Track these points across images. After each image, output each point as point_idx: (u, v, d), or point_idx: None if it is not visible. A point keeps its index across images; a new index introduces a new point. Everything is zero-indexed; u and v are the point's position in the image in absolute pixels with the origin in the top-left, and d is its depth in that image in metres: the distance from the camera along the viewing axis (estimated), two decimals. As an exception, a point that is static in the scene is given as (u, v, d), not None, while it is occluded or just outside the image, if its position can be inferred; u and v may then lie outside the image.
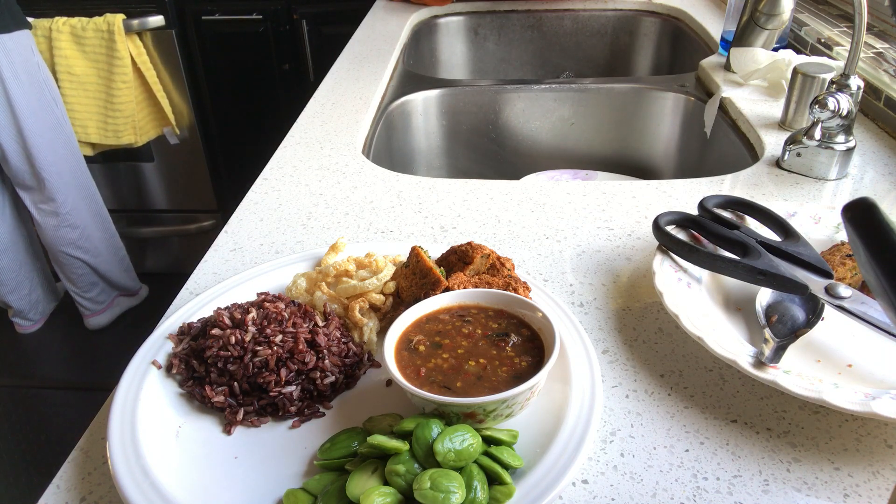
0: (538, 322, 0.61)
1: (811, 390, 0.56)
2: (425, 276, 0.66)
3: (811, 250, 0.70)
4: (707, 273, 0.73)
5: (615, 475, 0.55)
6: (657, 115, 1.41)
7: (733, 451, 0.56)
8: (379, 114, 1.30)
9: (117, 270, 2.52)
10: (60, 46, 2.33)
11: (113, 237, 2.47)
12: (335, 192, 0.97)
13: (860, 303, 0.63)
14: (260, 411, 0.60)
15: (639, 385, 0.63)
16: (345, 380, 0.63)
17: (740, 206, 0.80)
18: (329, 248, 0.77)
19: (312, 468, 0.55)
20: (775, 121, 1.14)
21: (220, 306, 0.68)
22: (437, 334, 0.61)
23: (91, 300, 2.50)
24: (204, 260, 0.84)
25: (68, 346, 2.57)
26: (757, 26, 1.25)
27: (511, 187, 0.98)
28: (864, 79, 0.98)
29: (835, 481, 0.54)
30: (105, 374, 1.91)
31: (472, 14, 1.91)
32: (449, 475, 0.49)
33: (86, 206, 2.34)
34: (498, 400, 0.53)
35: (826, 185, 0.96)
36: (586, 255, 0.82)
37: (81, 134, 2.45)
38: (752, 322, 0.69)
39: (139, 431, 0.56)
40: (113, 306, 2.59)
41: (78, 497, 0.54)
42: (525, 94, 1.44)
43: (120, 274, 2.54)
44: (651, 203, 0.92)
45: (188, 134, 2.63)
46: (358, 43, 1.65)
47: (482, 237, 0.86)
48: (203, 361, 0.62)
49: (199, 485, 0.53)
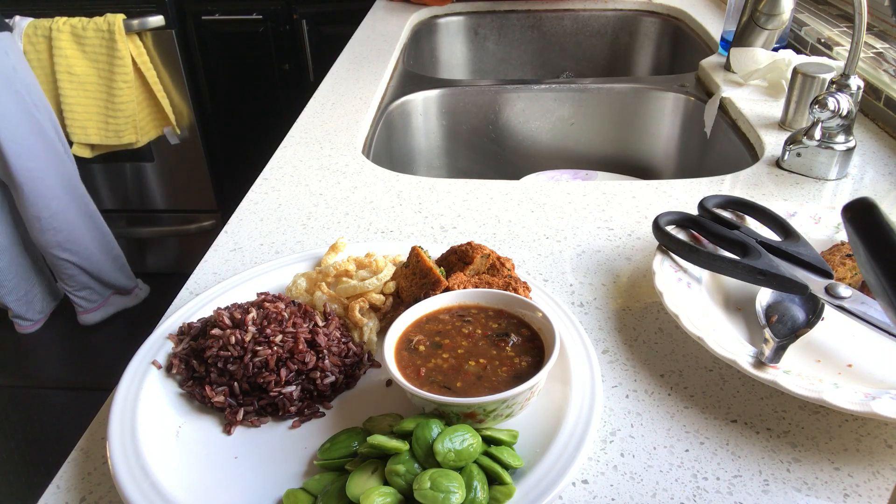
0: (538, 322, 0.61)
1: (811, 390, 0.56)
2: (425, 276, 0.66)
3: (811, 250, 0.70)
4: (707, 273, 0.73)
5: (615, 475, 0.55)
6: (657, 115, 1.41)
7: (733, 451, 0.56)
8: (379, 114, 1.30)
9: (110, 270, 2.50)
10: (61, 46, 2.33)
11: (105, 237, 2.45)
12: (335, 192, 0.97)
13: (860, 303, 0.63)
14: (260, 411, 0.60)
15: (639, 385, 0.63)
16: (345, 380, 0.63)
17: (740, 206, 0.80)
18: (329, 248, 0.77)
19: (312, 468, 0.55)
20: (775, 121, 1.14)
21: (220, 306, 0.68)
22: (437, 334, 0.61)
23: (84, 298, 2.50)
24: (204, 260, 0.84)
25: (68, 347, 2.57)
26: (757, 26, 1.25)
27: (511, 187, 0.98)
28: (864, 79, 0.98)
29: (835, 481, 0.54)
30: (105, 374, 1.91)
31: (472, 14, 1.91)
32: (449, 475, 0.49)
33: (74, 209, 2.30)
34: (498, 400, 0.53)
35: (826, 185, 0.96)
36: (586, 255, 0.82)
37: (81, 134, 2.45)
38: (752, 322, 0.69)
39: (139, 431, 0.56)
40: (106, 305, 2.59)
41: (78, 497, 0.54)
42: (525, 94, 1.44)
43: (113, 273, 2.52)
44: (651, 203, 0.92)
45: (188, 134, 2.63)
46: (358, 43, 1.65)
47: (482, 237, 0.86)
48: (203, 361, 0.62)
49: (199, 485, 0.53)
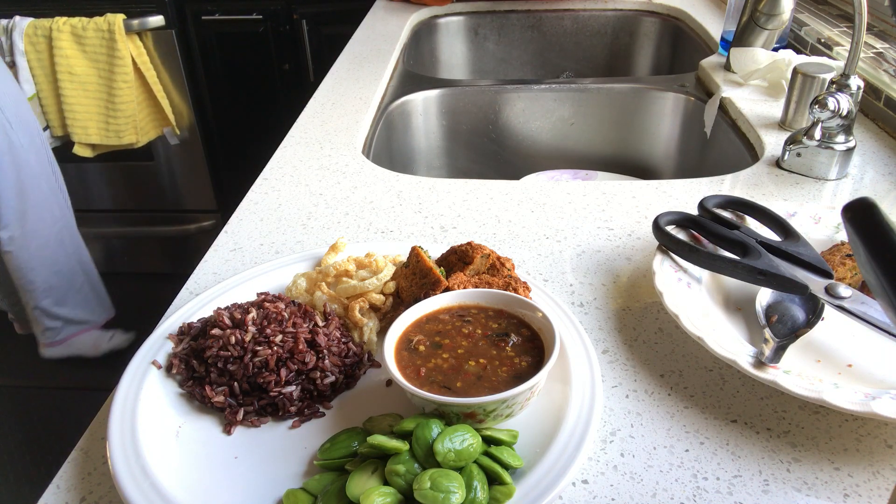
0: (538, 322, 0.61)
1: (811, 390, 0.56)
2: (425, 276, 0.66)
3: (811, 250, 0.70)
4: (707, 273, 0.73)
5: (615, 475, 0.55)
6: (657, 115, 1.41)
7: (733, 451, 0.56)
8: (379, 114, 1.30)
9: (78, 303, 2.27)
10: (61, 46, 2.33)
11: (73, 270, 2.22)
12: (335, 192, 0.97)
13: (860, 303, 0.63)
14: (260, 411, 0.60)
15: (639, 385, 0.63)
16: (345, 380, 0.63)
17: (740, 206, 0.80)
18: (329, 248, 0.77)
19: (312, 468, 0.55)
20: (775, 121, 1.14)
21: (220, 306, 0.68)
22: (437, 334, 0.61)
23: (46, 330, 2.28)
24: (204, 260, 0.84)
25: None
26: (757, 26, 1.25)
27: (511, 187, 0.98)
28: (864, 79, 0.98)
29: (835, 481, 0.54)
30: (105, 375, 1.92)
31: (472, 14, 1.91)
32: (449, 475, 0.49)
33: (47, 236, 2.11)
34: (498, 400, 0.53)
35: (826, 185, 0.96)
36: (586, 255, 0.82)
37: (82, 134, 2.45)
38: (752, 322, 0.69)
39: (139, 431, 0.56)
40: (68, 343, 2.33)
41: (78, 497, 0.54)
42: (525, 94, 1.44)
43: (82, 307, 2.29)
44: (651, 203, 0.92)
45: (188, 134, 2.63)
46: (358, 43, 1.65)
47: (482, 237, 0.86)
48: (203, 361, 0.62)
49: (199, 485, 0.53)
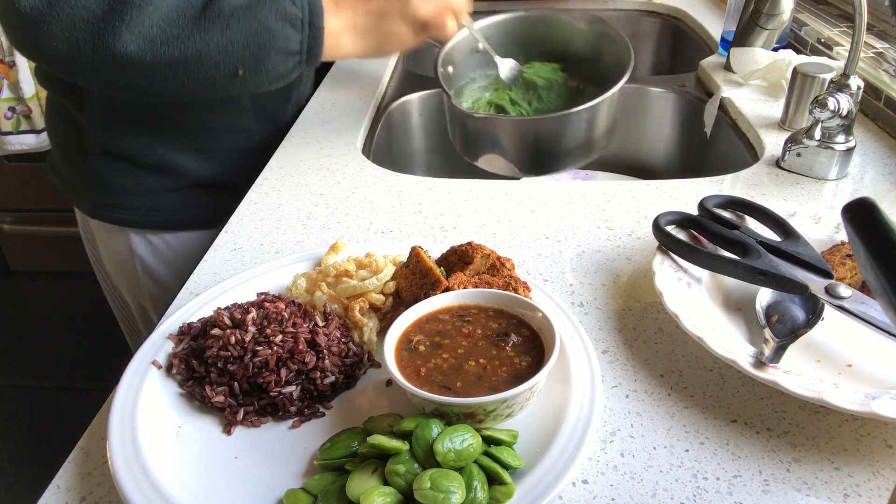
0: (538, 322, 0.61)
1: (811, 390, 0.56)
2: (425, 276, 0.66)
3: (811, 250, 0.70)
4: (707, 273, 0.73)
5: (615, 475, 0.55)
6: (657, 115, 1.41)
7: (733, 451, 0.56)
8: (379, 114, 1.30)
9: None
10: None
11: None
12: (335, 192, 0.97)
13: (860, 303, 0.63)
14: (260, 411, 0.60)
15: (639, 385, 0.63)
16: (345, 380, 0.63)
17: (740, 206, 0.80)
18: (329, 248, 0.77)
19: (312, 468, 0.55)
20: (775, 121, 1.14)
21: (220, 306, 0.68)
22: (437, 334, 0.61)
23: None
24: (204, 260, 0.84)
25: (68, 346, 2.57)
26: (757, 26, 1.25)
27: (511, 187, 0.98)
28: (864, 79, 0.98)
29: (835, 481, 0.54)
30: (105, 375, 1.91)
31: (471, 14, 1.90)
32: (449, 475, 0.49)
33: None
34: (498, 400, 0.53)
35: (826, 185, 0.96)
36: (586, 255, 0.82)
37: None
38: (752, 322, 0.69)
39: (139, 431, 0.56)
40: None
41: (78, 497, 0.54)
42: (525, 94, 1.43)
43: None
44: (651, 203, 0.92)
45: (188, 134, 2.62)
46: (358, 43, 1.65)
47: (482, 237, 0.86)
48: (203, 361, 0.62)
49: (199, 485, 0.53)
